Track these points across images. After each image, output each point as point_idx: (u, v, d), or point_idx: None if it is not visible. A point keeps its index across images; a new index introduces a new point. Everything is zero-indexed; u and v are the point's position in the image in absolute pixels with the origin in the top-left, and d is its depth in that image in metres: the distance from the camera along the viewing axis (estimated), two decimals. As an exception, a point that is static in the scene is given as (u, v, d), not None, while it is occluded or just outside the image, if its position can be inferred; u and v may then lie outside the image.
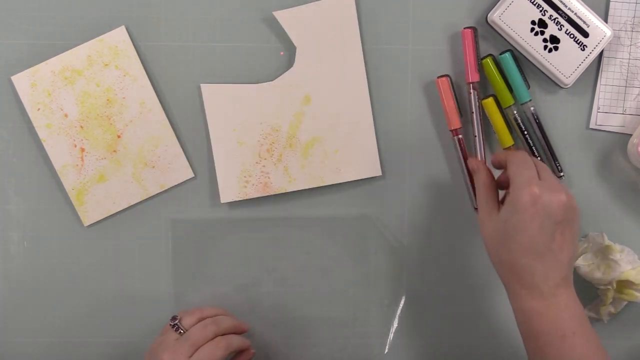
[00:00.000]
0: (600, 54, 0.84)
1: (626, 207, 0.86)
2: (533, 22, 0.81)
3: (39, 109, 0.83)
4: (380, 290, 0.86)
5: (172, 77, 0.84)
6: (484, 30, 0.84)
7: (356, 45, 0.83)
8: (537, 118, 0.84)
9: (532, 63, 0.83)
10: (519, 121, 0.84)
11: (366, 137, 0.84)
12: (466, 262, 0.86)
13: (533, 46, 0.82)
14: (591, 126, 0.85)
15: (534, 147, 0.84)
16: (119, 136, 0.84)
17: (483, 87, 0.85)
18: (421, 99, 0.85)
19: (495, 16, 0.82)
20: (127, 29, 0.83)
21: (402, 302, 0.87)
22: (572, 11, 0.81)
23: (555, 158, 0.84)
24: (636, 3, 0.84)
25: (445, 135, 0.85)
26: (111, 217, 0.85)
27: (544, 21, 0.81)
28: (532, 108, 0.84)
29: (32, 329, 0.85)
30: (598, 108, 0.85)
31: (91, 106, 0.83)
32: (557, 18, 0.81)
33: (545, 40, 0.82)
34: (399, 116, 0.84)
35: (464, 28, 0.83)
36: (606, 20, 0.84)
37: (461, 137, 0.83)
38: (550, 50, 0.82)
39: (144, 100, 0.83)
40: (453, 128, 0.83)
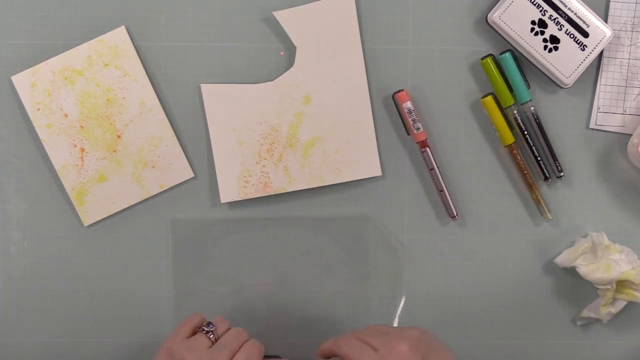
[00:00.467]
0: (600, 54, 0.84)
1: (626, 207, 0.86)
2: (533, 22, 0.81)
3: (39, 109, 0.83)
4: (380, 290, 0.86)
5: (172, 77, 0.84)
6: (484, 30, 0.84)
7: (356, 45, 0.83)
8: (537, 118, 0.84)
9: (532, 63, 0.83)
10: (519, 121, 0.84)
11: (366, 137, 0.84)
12: (466, 262, 0.86)
13: (533, 46, 0.82)
14: (591, 126, 0.85)
15: (534, 147, 0.84)
16: (119, 136, 0.84)
17: (483, 87, 0.85)
18: (421, 99, 0.85)
19: (495, 16, 0.82)
20: (127, 29, 0.83)
21: (402, 302, 0.87)
22: (572, 11, 0.81)
23: (555, 158, 0.84)
24: (636, 3, 0.84)
25: (444, 134, 0.85)
26: (111, 217, 0.85)
27: (544, 21, 0.81)
28: (532, 108, 0.84)
29: (32, 329, 0.85)
30: (598, 108, 0.85)
31: (91, 106, 0.83)
32: (557, 18, 0.81)
33: (545, 40, 0.82)
34: (399, 116, 0.84)
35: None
36: (606, 20, 0.84)
37: (424, 151, 0.83)
38: (550, 50, 0.82)
39: (144, 100, 0.83)
40: (418, 141, 0.84)
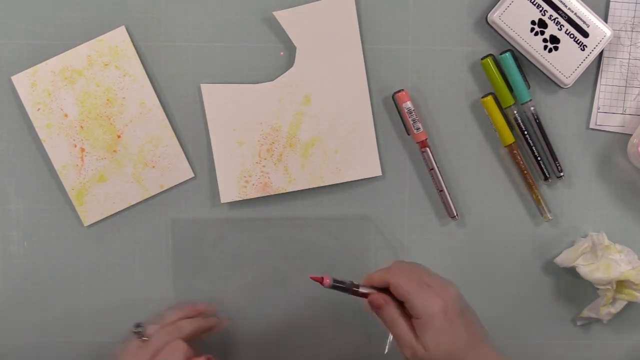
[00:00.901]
0: (600, 54, 0.84)
1: (626, 207, 0.86)
2: (533, 22, 0.81)
3: (39, 109, 0.83)
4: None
5: (172, 77, 0.84)
6: (484, 30, 0.84)
7: (356, 45, 0.83)
8: (537, 118, 0.84)
9: (532, 63, 0.83)
10: (519, 121, 0.84)
11: (366, 137, 0.84)
12: (466, 262, 0.86)
13: (533, 46, 0.82)
14: (591, 126, 0.85)
15: (534, 147, 0.84)
16: (119, 136, 0.84)
17: (483, 87, 0.85)
18: (421, 99, 0.85)
19: (495, 16, 0.82)
20: (127, 29, 0.83)
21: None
22: (572, 11, 0.81)
23: (555, 158, 0.84)
24: (636, 3, 0.84)
25: (444, 134, 0.85)
26: (111, 217, 0.85)
27: (544, 21, 0.81)
28: (532, 108, 0.84)
29: (32, 329, 0.85)
30: (598, 108, 0.85)
31: (91, 106, 0.83)
32: (557, 18, 0.81)
33: (545, 40, 0.82)
34: (399, 116, 0.84)
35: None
36: (606, 20, 0.84)
37: (424, 151, 0.84)
38: (550, 50, 0.82)
39: (144, 100, 0.83)
40: (418, 141, 0.84)
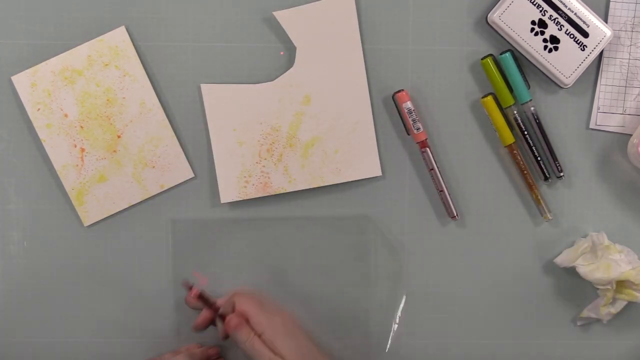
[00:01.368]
0: (600, 54, 0.84)
1: (626, 207, 0.86)
2: (533, 22, 0.81)
3: (39, 109, 0.83)
4: (380, 290, 0.86)
5: (172, 77, 0.84)
6: (484, 30, 0.84)
7: (356, 45, 0.83)
8: (537, 118, 0.84)
9: (532, 63, 0.83)
10: (519, 121, 0.84)
11: (366, 137, 0.84)
12: (466, 262, 0.86)
13: (533, 46, 0.82)
14: (591, 126, 0.85)
15: (534, 147, 0.84)
16: (119, 136, 0.84)
17: (483, 87, 0.85)
18: (421, 99, 0.85)
19: (495, 16, 0.82)
20: (127, 29, 0.83)
21: (402, 302, 0.87)
22: (572, 11, 0.81)
23: (555, 158, 0.84)
24: (636, 3, 0.84)
25: (444, 134, 0.85)
26: (111, 217, 0.85)
27: (544, 21, 0.81)
28: (532, 108, 0.84)
29: (32, 329, 0.85)
30: (598, 108, 0.85)
31: (91, 106, 0.83)
32: (557, 18, 0.81)
33: (545, 40, 0.82)
34: (399, 116, 0.84)
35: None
36: (606, 20, 0.84)
37: (424, 151, 0.84)
38: (550, 50, 0.82)
39: (144, 100, 0.83)
40: (418, 141, 0.84)
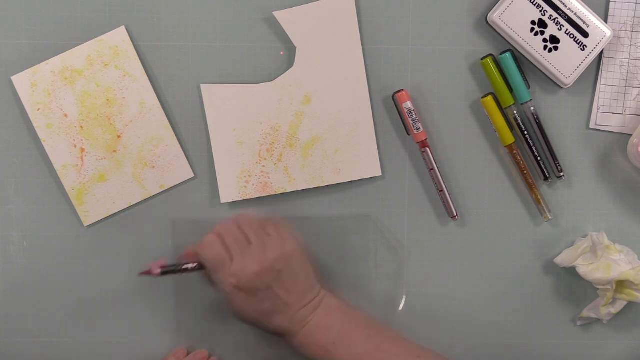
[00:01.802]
0: (600, 54, 0.84)
1: (626, 207, 0.86)
2: (533, 22, 0.81)
3: (39, 109, 0.83)
4: (380, 290, 0.86)
5: (172, 77, 0.84)
6: (484, 30, 0.84)
7: (356, 45, 0.83)
8: (537, 118, 0.84)
9: (532, 63, 0.83)
10: (519, 121, 0.84)
11: (366, 137, 0.84)
12: (466, 262, 0.86)
13: (533, 46, 0.82)
14: (591, 126, 0.85)
15: (534, 147, 0.84)
16: (119, 136, 0.84)
17: (483, 87, 0.85)
18: (421, 99, 0.85)
19: (495, 16, 0.82)
20: (127, 29, 0.83)
21: (402, 302, 0.87)
22: (572, 11, 0.81)
23: (555, 158, 0.84)
24: (636, 3, 0.84)
25: (444, 134, 0.85)
26: (111, 217, 0.85)
27: (544, 21, 0.81)
28: (532, 108, 0.84)
29: (32, 329, 0.85)
30: (598, 108, 0.85)
31: (91, 106, 0.83)
32: (557, 18, 0.81)
33: (545, 40, 0.82)
34: (399, 116, 0.84)
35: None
36: (606, 20, 0.84)
37: (424, 151, 0.84)
38: (550, 50, 0.82)
39: (144, 100, 0.83)
40: (418, 141, 0.84)
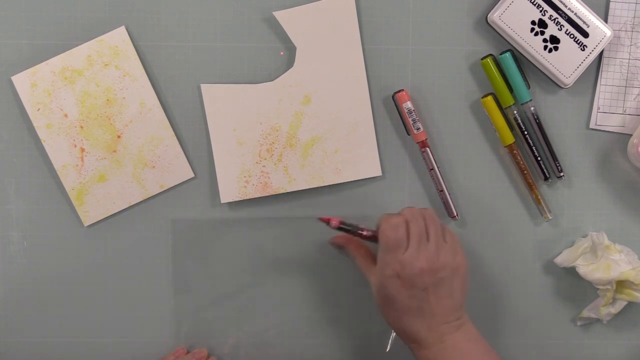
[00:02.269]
0: (600, 54, 0.84)
1: (626, 207, 0.86)
2: (533, 22, 0.81)
3: (39, 109, 0.83)
4: (380, 290, 0.86)
5: (172, 77, 0.84)
6: (484, 30, 0.84)
7: (356, 45, 0.83)
8: (537, 118, 0.84)
9: (532, 63, 0.83)
10: (519, 121, 0.84)
11: (366, 137, 0.84)
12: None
13: (533, 46, 0.82)
14: (591, 126, 0.85)
15: (534, 147, 0.84)
16: (119, 136, 0.84)
17: (483, 87, 0.85)
18: (421, 99, 0.85)
19: (495, 16, 0.82)
20: (127, 29, 0.83)
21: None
22: (572, 11, 0.81)
23: (555, 158, 0.84)
24: (636, 3, 0.84)
25: (444, 134, 0.85)
26: (111, 217, 0.85)
27: (544, 21, 0.81)
28: (532, 108, 0.84)
29: (32, 329, 0.85)
30: (598, 108, 0.85)
31: (91, 106, 0.83)
32: (557, 18, 0.81)
33: (545, 40, 0.82)
34: (399, 116, 0.84)
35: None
36: (606, 20, 0.84)
37: (424, 151, 0.84)
38: (550, 50, 0.82)
39: (144, 100, 0.83)
40: (418, 141, 0.84)
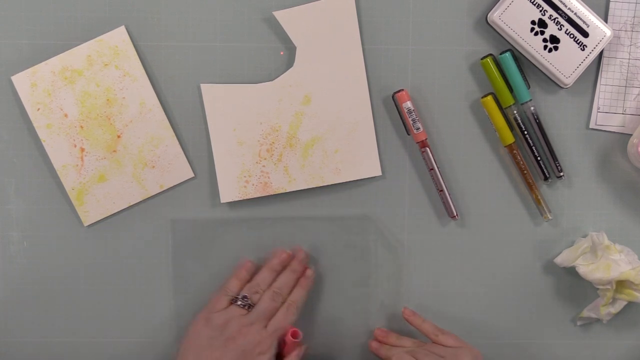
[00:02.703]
0: (600, 54, 0.84)
1: (626, 207, 0.86)
2: (533, 22, 0.81)
3: (39, 109, 0.83)
4: (380, 290, 0.86)
5: (172, 77, 0.84)
6: (484, 30, 0.84)
7: (356, 45, 0.83)
8: (537, 118, 0.84)
9: (532, 63, 0.83)
10: (519, 121, 0.84)
11: (366, 137, 0.84)
12: (466, 262, 0.86)
13: (533, 46, 0.82)
14: (591, 126, 0.85)
15: (534, 147, 0.84)
16: (119, 136, 0.84)
17: (483, 87, 0.85)
18: (421, 99, 0.85)
19: (495, 16, 0.82)
20: (127, 29, 0.83)
21: (403, 302, 0.87)
22: (572, 11, 0.81)
23: (555, 158, 0.84)
24: (636, 3, 0.84)
25: (444, 134, 0.85)
26: (111, 217, 0.85)
27: (544, 21, 0.81)
28: (532, 108, 0.84)
29: (32, 329, 0.85)
30: (598, 108, 0.85)
31: (91, 106, 0.83)
32: (557, 18, 0.81)
33: (545, 40, 0.82)
34: (399, 116, 0.84)
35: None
36: (606, 20, 0.84)
37: (424, 151, 0.84)
38: (550, 50, 0.82)
39: (144, 100, 0.83)
40: (418, 141, 0.84)
